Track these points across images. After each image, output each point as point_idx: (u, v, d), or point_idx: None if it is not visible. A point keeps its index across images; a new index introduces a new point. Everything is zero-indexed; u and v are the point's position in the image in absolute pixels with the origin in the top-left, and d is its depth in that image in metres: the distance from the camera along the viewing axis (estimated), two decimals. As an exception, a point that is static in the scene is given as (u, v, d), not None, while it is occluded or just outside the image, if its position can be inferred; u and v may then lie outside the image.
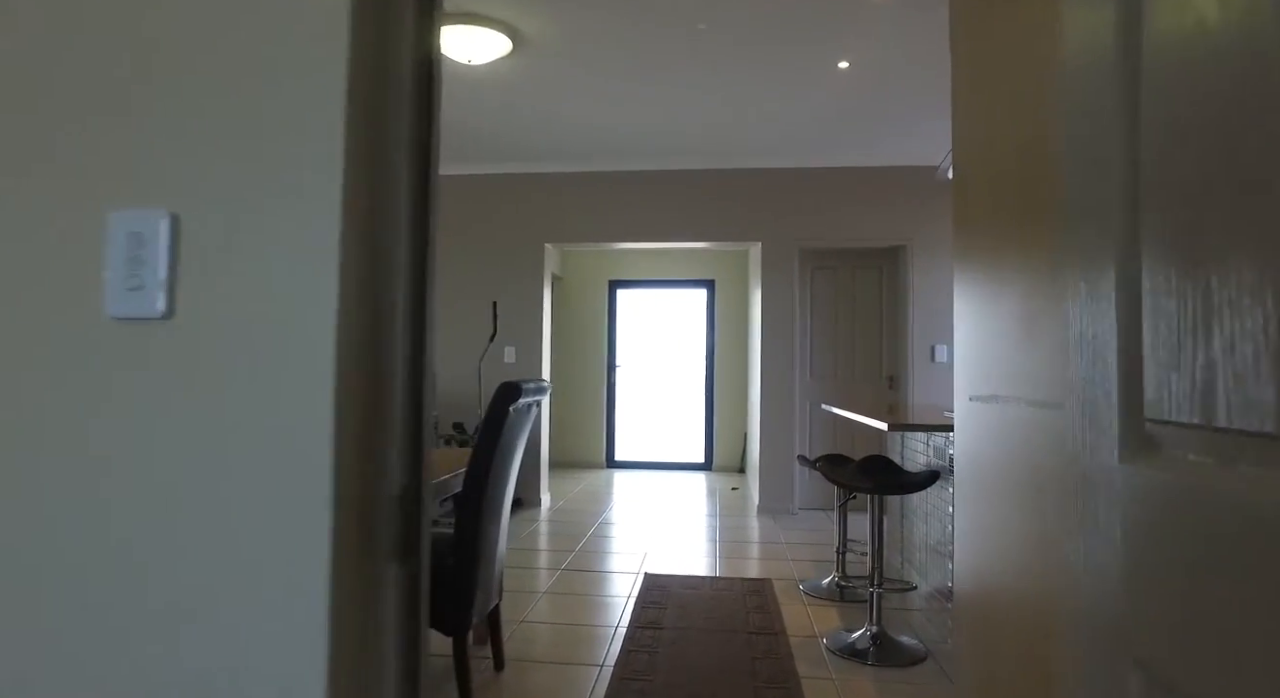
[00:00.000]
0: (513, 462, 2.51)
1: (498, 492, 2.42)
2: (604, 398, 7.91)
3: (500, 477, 2.41)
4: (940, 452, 2.99)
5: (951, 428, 2.48)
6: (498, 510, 2.47)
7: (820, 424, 5.66)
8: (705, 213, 5.60)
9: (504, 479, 2.45)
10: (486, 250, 5.78)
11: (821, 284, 5.71)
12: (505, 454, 2.39)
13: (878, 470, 2.84)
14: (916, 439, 3.63)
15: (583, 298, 7.99)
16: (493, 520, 2.43)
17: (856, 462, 2.97)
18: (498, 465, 2.34)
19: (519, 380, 2.30)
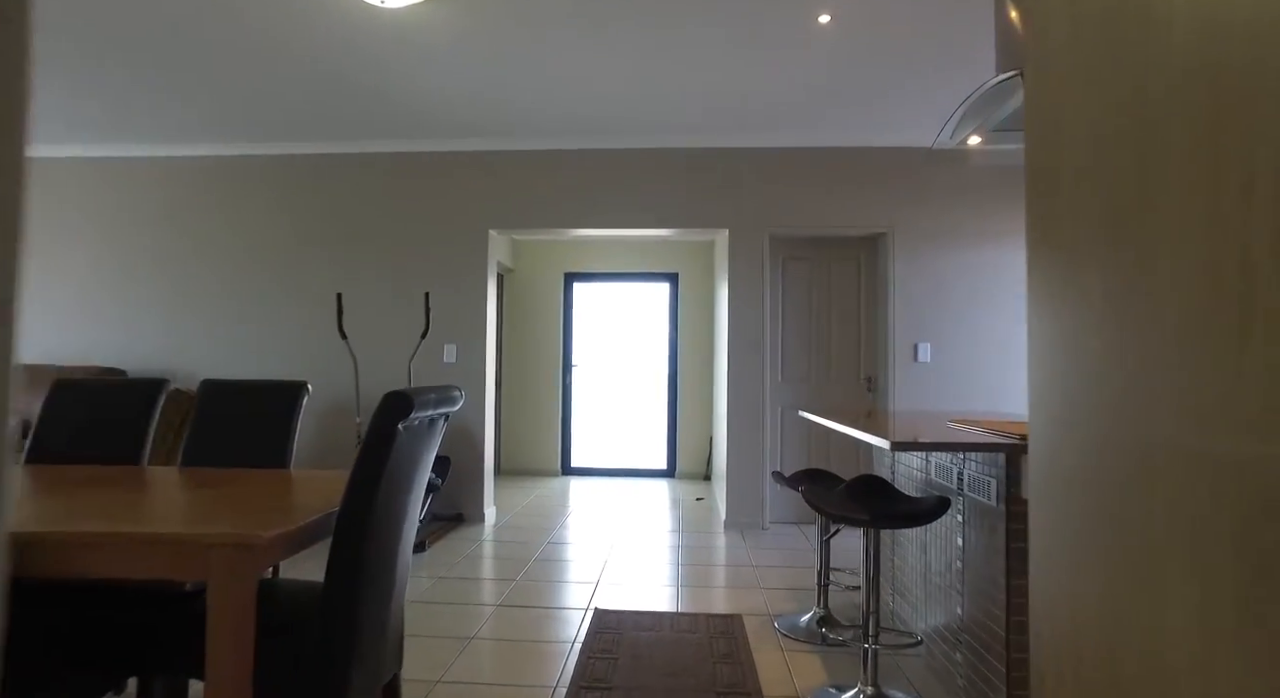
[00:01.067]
0: (410, 495, 1.93)
1: (387, 535, 1.84)
2: (559, 400, 7.33)
3: (391, 515, 1.83)
4: (945, 470, 2.49)
5: (981, 447, 1.98)
6: (389, 559, 1.88)
7: (793, 431, 5.17)
8: (667, 196, 5.07)
9: (396, 518, 1.87)
10: (422, 237, 5.16)
11: (794, 276, 5.21)
12: (397, 486, 1.81)
13: (873, 496, 2.33)
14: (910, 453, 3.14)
15: (536, 292, 7.40)
16: (383, 572, 1.85)
17: (846, 484, 2.45)
18: (385, 501, 1.76)
19: (412, 389, 1.72)
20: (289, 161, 5.24)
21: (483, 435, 5.06)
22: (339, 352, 5.12)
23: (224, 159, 5.26)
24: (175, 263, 5.25)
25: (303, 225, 5.21)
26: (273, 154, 5.23)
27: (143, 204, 5.28)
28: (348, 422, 5.10)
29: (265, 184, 5.24)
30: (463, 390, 2.04)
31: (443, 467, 4.87)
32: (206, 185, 5.26)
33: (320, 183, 5.21)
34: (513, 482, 6.86)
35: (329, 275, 5.18)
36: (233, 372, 5.19)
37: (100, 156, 5.30)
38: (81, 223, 5.30)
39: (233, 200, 5.25)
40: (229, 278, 5.23)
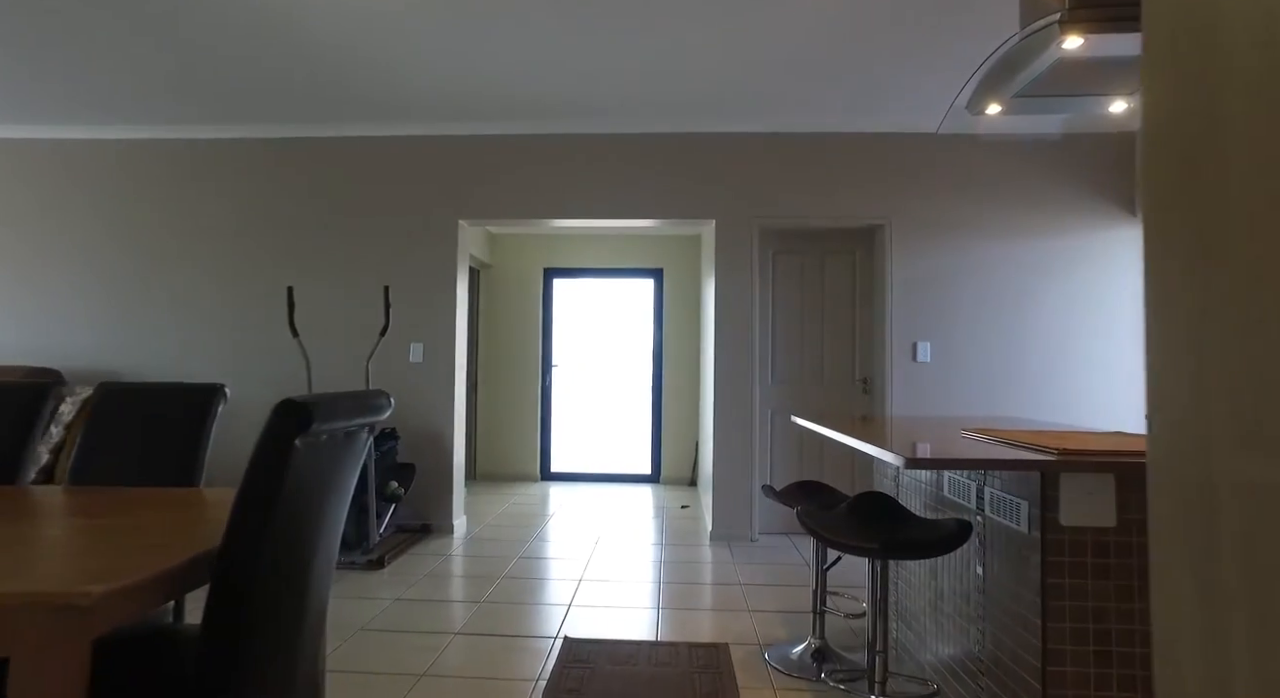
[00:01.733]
0: (322, 526, 1.58)
1: (289, 574, 1.49)
2: (538, 402, 6.98)
3: (295, 551, 1.48)
4: (961, 487, 2.17)
5: (1013, 466, 1.66)
6: (296, 601, 1.54)
7: (785, 437, 4.85)
8: (650, 185, 4.73)
9: (302, 554, 1.52)
10: (385, 228, 4.79)
11: (785, 271, 4.89)
12: (301, 516, 1.46)
13: (880, 518, 2.00)
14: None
15: (514, 288, 7.05)
16: (286, 619, 1.51)
17: (849, 503, 2.12)
18: (285, 533, 1.41)
19: (315, 397, 1.38)
20: (232, 146, 4.86)
21: (451, 440, 4.71)
22: (292, 351, 4.75)
23: (159, 143, 4.88)
24: (109, 256, 4.87)
25: (252, 215, 4.84)
26: (214, 138, 4.85)
27: (70, 191, 4.89)
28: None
29: (208, 171, 4.86)
30: (389, 397, 1.70)
31: (406, 475, 4.51)
32: (141, 171, 4.88)
33: (271, 169, 4.84)
34: (489, 488, 6.50)
35: (281, 269, 4.81)
36: (176, 373, 4.81)
37: (10, 139, 4.91)
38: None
39: (171, 188, 4.87)
40: (170, 272, 4.85)
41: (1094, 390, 4.49)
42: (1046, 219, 4.57)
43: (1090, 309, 4.52)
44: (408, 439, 4.71)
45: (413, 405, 4.72)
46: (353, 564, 3.86)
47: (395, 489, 4.24)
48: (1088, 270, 4.54)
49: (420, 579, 3.71)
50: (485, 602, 3.38)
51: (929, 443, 2.00)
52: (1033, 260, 4.56)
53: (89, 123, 4.75)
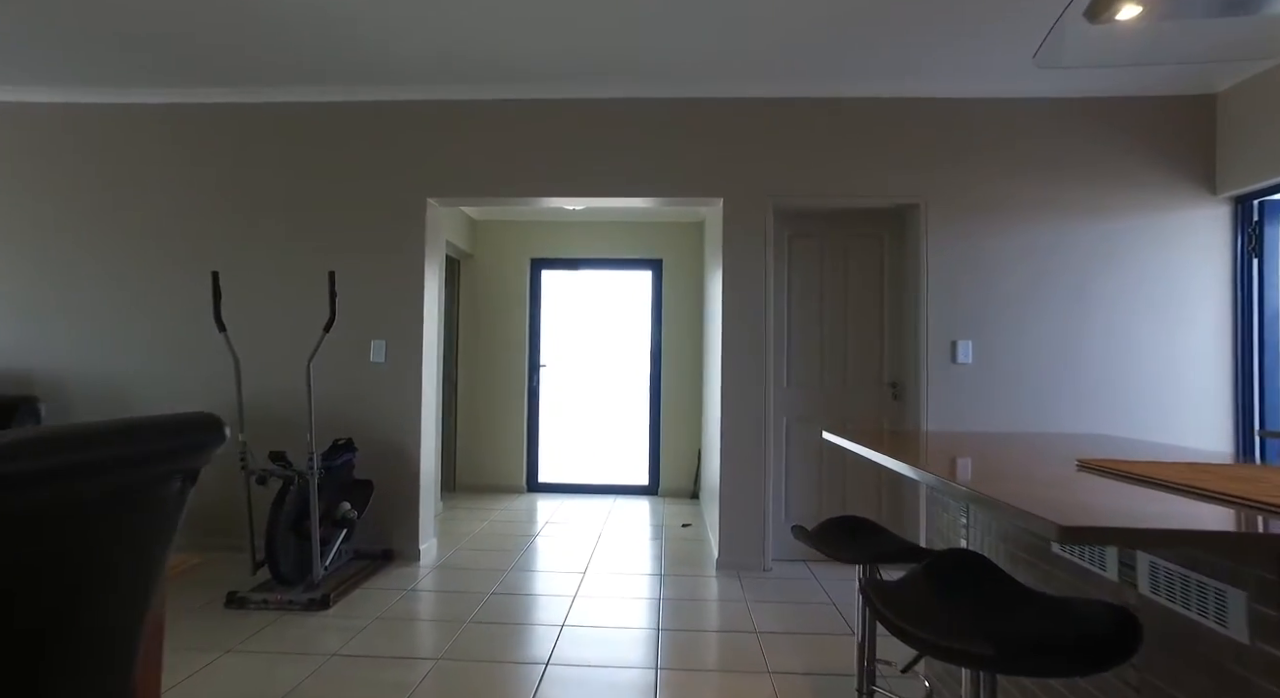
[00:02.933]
0: (79, 631, 0.94)
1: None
2: (524, 406, 6.34)
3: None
4: (1093, 550, 1.53)
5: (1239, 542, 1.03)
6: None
7: (802, 448, 4.21)
8: (649, 158, 4.09)
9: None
10: (340, 207, 4.16)
11: (803, 258, 4.26)
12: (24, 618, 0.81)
13: (982, 598, 1.37)
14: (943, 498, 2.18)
15: (498, 281, 6.41)
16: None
17: (927, 566, 1.48)
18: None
19: (38, 432, 0.74)
20: (149, 112, 4.22)
21: (417, 452, 4.07)
22: (230, 348, 4.12)
23: (64, 107, 4.23)
24: (9, 234, 4.22)
25: (177, 191, 4.20)
26: (126, 102, 4.21)
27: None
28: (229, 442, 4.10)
29: (119, 140, 4.22)
30: (220, 425, 1.06)
31: (361, 494, 3.87)
32: (48, 140, 4.23)
33: (202, 139, 4.20)
34: (469, 501, 5.86)
35: (213, 252, 4.17)
36: (99, 372, 4.17)
37: (-55, 105, 4.27)
38: (-80, 187, 4.26)
39: (76, 159, 4.23)
40: (82, 255, 4.21)
41: (1162, 398, 3.86)
42: (1110, 196, 3.94)
43: (1162, 302, 3.89)
44: (367, 451, 4.08)
45: (373, 412, 4.08)
46: (290, 604, 3.22)
47: (347, 512, 3.61)
48: (1159, 256, 3.90)
49: (369, 624, 3.07)
50: (445, 658, 2.74)
51: (1046, 485, 1.37)
52: (1093, 245, 3.93)
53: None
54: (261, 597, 3.22)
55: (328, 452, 3.73)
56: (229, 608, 3.22)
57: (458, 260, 6.35)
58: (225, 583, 3.56)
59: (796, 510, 4.19)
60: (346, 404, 4.09)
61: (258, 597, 3.22)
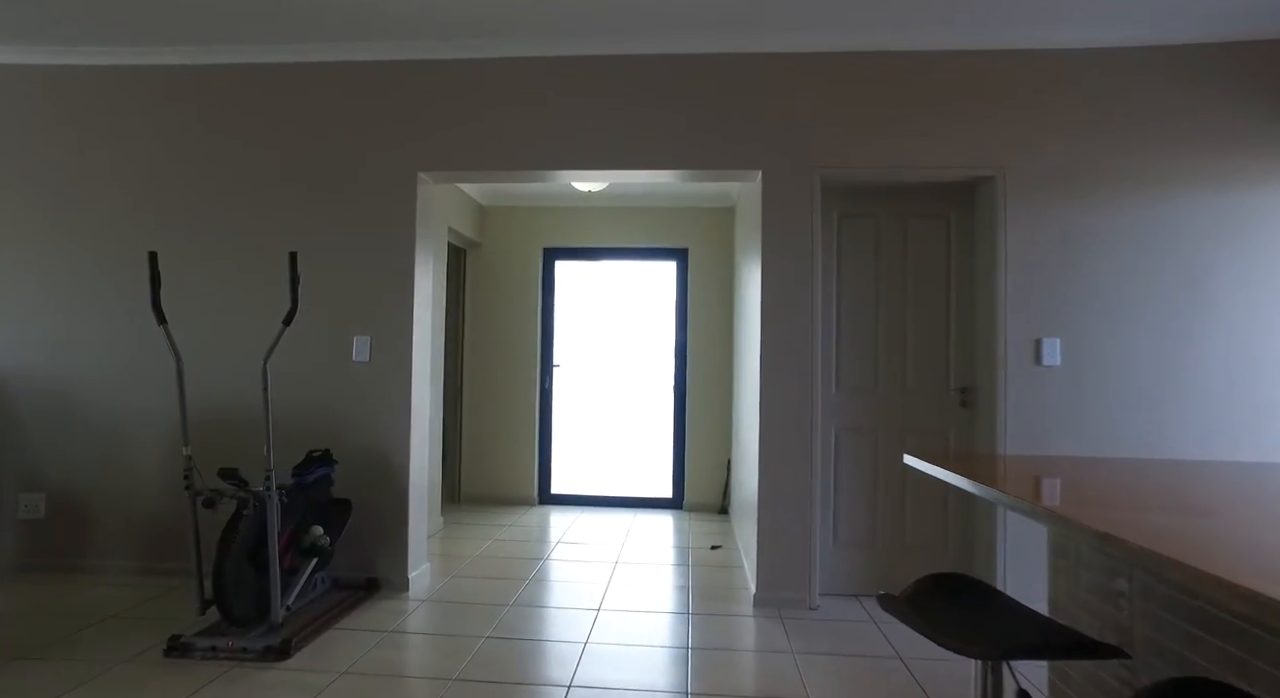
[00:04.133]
0: None
1: None
2: (535, 410, 5.78)
3: None
4: None
5: None
6: None
7: (852, 464, 3.59)
8: (675, 125, 3.50)
9: None
10: (317, 184, 3.61)
11: (854, 241, 3.64)
12: None
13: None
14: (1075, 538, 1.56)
15: (507, 272, 5.85)
16: None
17: (1153, 692, 0.87)
18: None
19: None
20: (86, 74, 3.70)
21: (405, 465, 3.51)
22: (191, 345, 3.60)
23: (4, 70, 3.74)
24: (-19, 219, 3.74)
25: (123, 166, 3.68)
26: (65, 64, 3.69)
27: (-63, 137, 3.76)
28: (169, 453, 3.57)
29: (59, 108, 3.71)
30: None
31: (338, 515, 3.32)
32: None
33: (150, 105, 3.68)
34: (475, 515, 5.31)
35: (167, 235, 3.65)
36: (44, 373, 3.67)
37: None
38: None
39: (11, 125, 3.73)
40: (11, 242, 3.71)
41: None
42: (1233, 162, 3.28)
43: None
44: (349, 465, 3.53)
45: (355, 419, 3.53)
46: (243, 653, 2.67)
47: (318, 538, 3.06)
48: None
49: (333, 682, 2.51)
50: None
51: None
52: (1212, 223, 3.27)
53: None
54: (209, 644, 2.68)
55: (301, 465, 3.18)
56: (170, 656, 2.68)
57: (463, 250, 5.80)
58: (171, 623, 3.03)
59: (848, 534, 3.58)
60: (324, 410, 3.55)
61: (204, 644, 2.68)
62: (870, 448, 3.59)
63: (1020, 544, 3.28)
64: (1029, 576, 3.27)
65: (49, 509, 3.67)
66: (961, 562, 3.53)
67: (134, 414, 3.64)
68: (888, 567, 3.56)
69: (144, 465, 3.63)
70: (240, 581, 2.75)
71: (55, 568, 3.64)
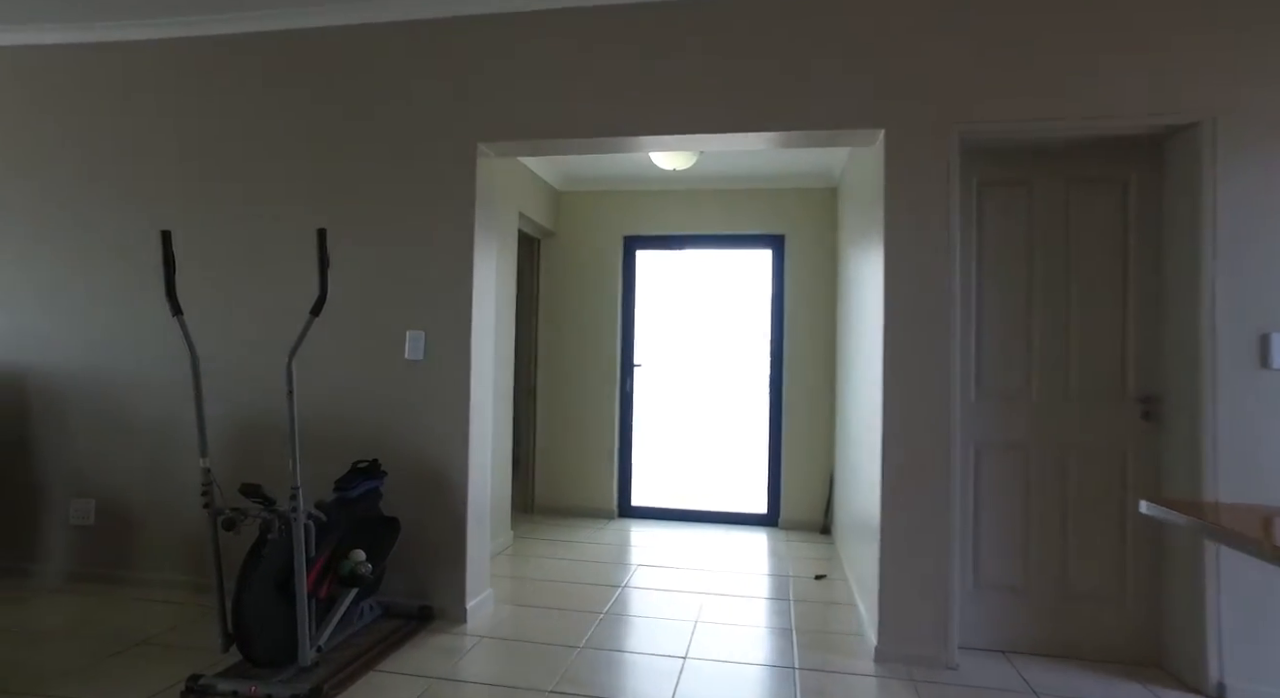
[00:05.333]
0: None
1: None
2: (615, 414, 5.29)
3: None
4: None
5: None
6: None
7: (997, 487, 2.90)
8: (776, 77, 2.91)
9: None
10: (361, 161, 3.22)
11: (1002, 214, 2.95)
12: None
13: None
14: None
15: (584, 264, 5.38)
16: None
17: None
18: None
19: None
20: (119, 52, 3.42)
21: (463, 479, 3.07)
22: (233, 342, 3.27)
23: (12, 52, 3.50)
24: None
25: (166, 151, 3.39)
26: (94, 41, 3.41)
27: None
28: (183, 461, 3.23)
29: (87, 88, 3.44)
30: None
31: (384, 537, 2.90)
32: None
33: (181, 81, 3.37)
34: (548, 528, 4.86)
35: (199, 221, 3.34)
36: (90, 370, 3.44)
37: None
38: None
39: (34, 113, 3.49)
40: (55, 233, 3.48)
41: None
42: None
43: None
44: (399, 478, 3.11)
45: (407, 425, 3.12)
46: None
47: (358, 565, 2.64)
48: None
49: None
50: None
51: None
52: None
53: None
54: (230, 688, 2.29)
55: (344, 478, 2.78)
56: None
57: (537, 239, 5.37)
58: (201, 655, 2.67)
59: (993, 575, 2.89)
60: (371, 415, 3.15)
61: (225, 687, 2.30)
62: (1020, 468, 2.89)
63: (1246, 598, 2.51)
64: (1262, 646, 2.50)
65: (98, 517, 3.43)
66: (1150, 619, 2.78)
67: (181, 420, 3.35)
68: (1045, 619, 2.85)
69: (190, 474, 3.34)
70: (265, 615, 2.35)
71: (102, 578, 3.40)
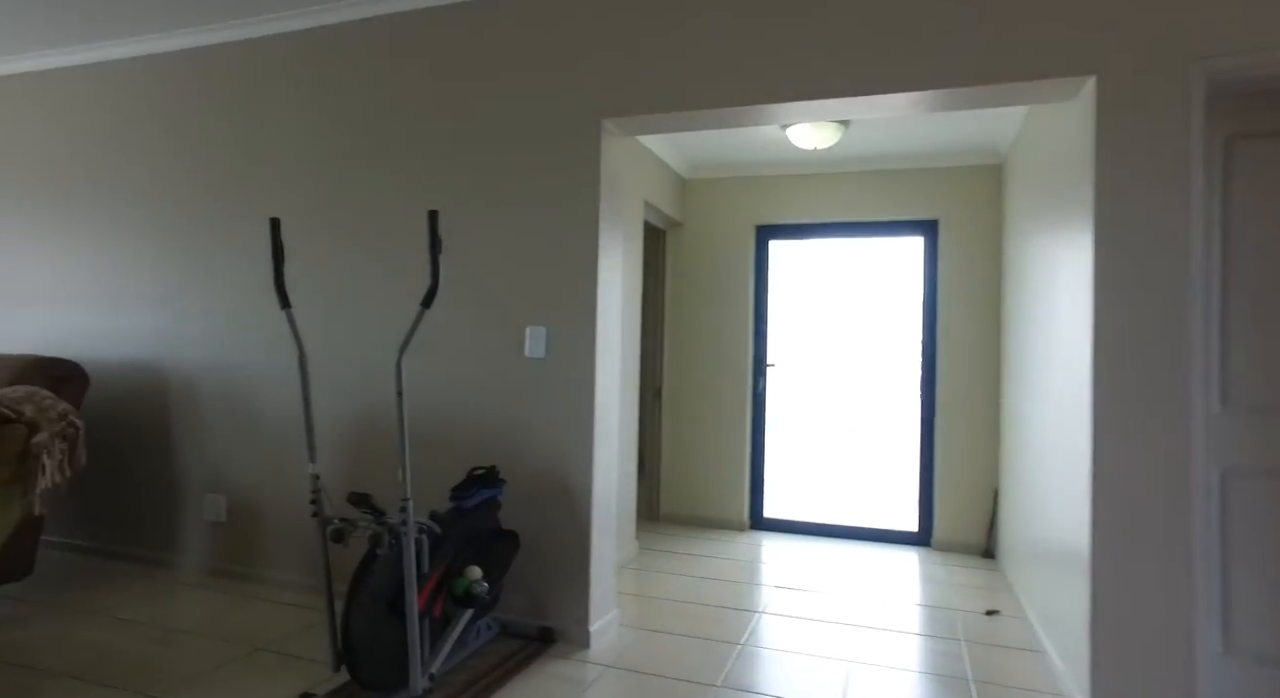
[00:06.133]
0: None
1: None
2: (747, 417, 4.89)
3: None
4: None
5: None
6: None
7: (1253, 525, 2.28)
8: (948, 18, 2.43)
9: None
10: (480, 144, 3.00)
11: (1260, 176, 2.32)
12: None
13: None
14: None
15: (713, 257, 5.02)
16: None
17: None
18: None
19: None
20: (222, 53, 3.34)
21: (587, 487, 2.79)
22: (353, 338, 3.15)
23: (145, 60, 3.50)
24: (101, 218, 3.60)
25: (284, 144, 3.31)
26: (200, 45, 3.36)
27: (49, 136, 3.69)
28: (340, 462, 3.09)
29: (200, 87, 3.40)
30: None
31: (501, 552, 2.66)
32: (128, 99, 3.53)
33: (286, 72, 3.26)
34: (674, 540, 4.54)
35: (296, 206, 3.23)
36: (222, 364, 3.43)
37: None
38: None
39: (159, 121, 3.48)
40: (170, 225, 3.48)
41: None
42: None
43: None
44: (518, 487, 2.88)
45: (526, 428, 2.87)
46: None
47: (474, 584, 2.40)
48: None
49: (475, 802, 1.80)
50: None
51: None
52: None
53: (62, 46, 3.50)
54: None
55: (460, 486, 2.57)
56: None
57: (662, 230, 5.06)
58: (316, 669, 2.53)
59: (1252, 639, 2.28)
60: (488, 417, 2.93)
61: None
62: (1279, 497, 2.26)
63: None
64: None
65: (229, 513, 3.43)
66: None
67: (300, 419, 3.28)
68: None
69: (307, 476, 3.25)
70: (375, 635, 2.15)
71: (233, 575, 3.39)
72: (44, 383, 2.88)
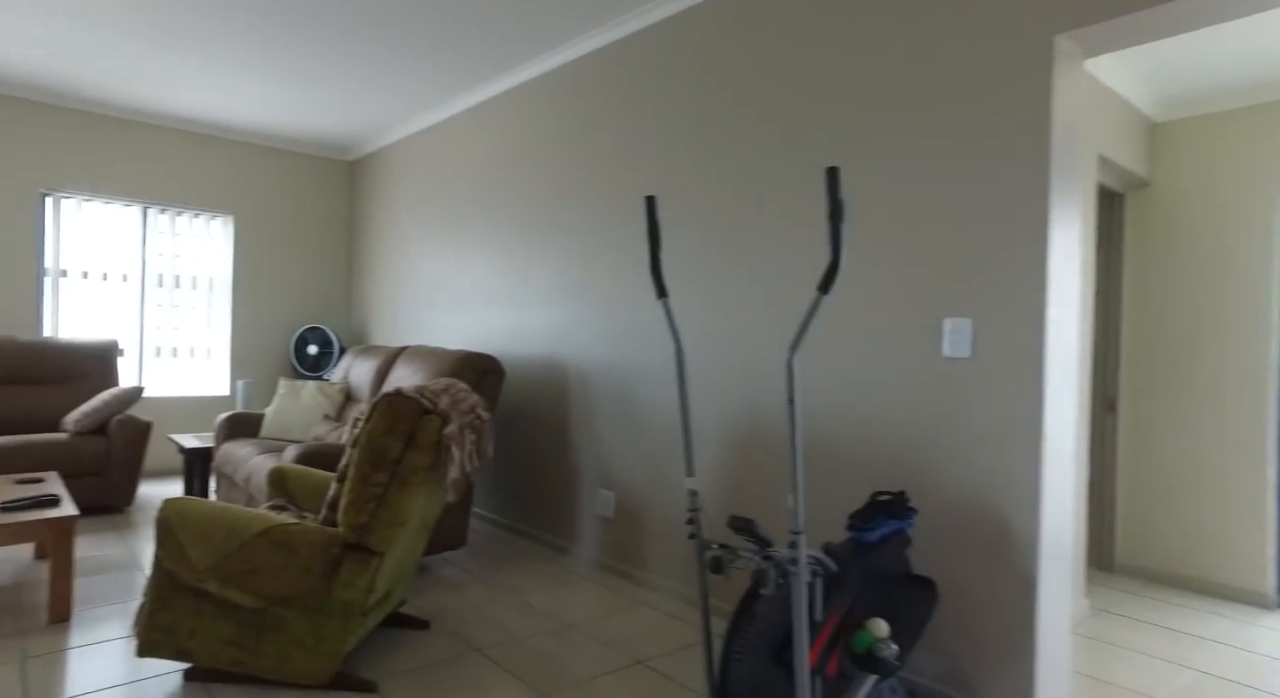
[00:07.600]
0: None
1: None
2: (1265, 443, 3.46)
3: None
4: None
5: None
6: None
7: None
8: None
9: None
10: (881, 80, 2.44)
11: None
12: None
13: None
14: None
15: (1199, 226, 3.68)
16: None
17: None
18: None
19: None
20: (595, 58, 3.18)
21: (1032, 526, 2.06)
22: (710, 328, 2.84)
23: (543, 78, 3.54)
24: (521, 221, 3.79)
25: (637, 123, 3.10)
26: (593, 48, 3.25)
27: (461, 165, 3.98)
28: (721, 472, 2.75)
29: (573, 90, 3.31)
30: None
31: (916, 603, 2.07)
32: (528, 116, 3.63)
33: (664, 59, 3.00)
34: (1144, 604, 3.39)
35: (672, 183, 2.95)
36: (609, 360, 3.45)
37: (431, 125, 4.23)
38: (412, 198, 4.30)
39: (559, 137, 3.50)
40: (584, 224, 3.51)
41: None
42: None
43: None
44: (930, 520, 2.26)
45: (946, 447, 2.25)
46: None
47: (877, 644, 1.88)
48: None
49: None
50: None
51: None
52: None
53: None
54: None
55: (861, 513, 2.07)
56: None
57: (1119, 194, 3.88)
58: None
59: None
60: (893, 430, 2.36)
61: None
62: None
63: None
64: None
65: (617, 510, 3.45)
66: None
67: (694, 419, 3.12)
68: None
69: (698, 480, 3.07)
70: (756, 690, 1.77)
71: (619, 573, 3.40)
72: (470, 375, 3.19)
